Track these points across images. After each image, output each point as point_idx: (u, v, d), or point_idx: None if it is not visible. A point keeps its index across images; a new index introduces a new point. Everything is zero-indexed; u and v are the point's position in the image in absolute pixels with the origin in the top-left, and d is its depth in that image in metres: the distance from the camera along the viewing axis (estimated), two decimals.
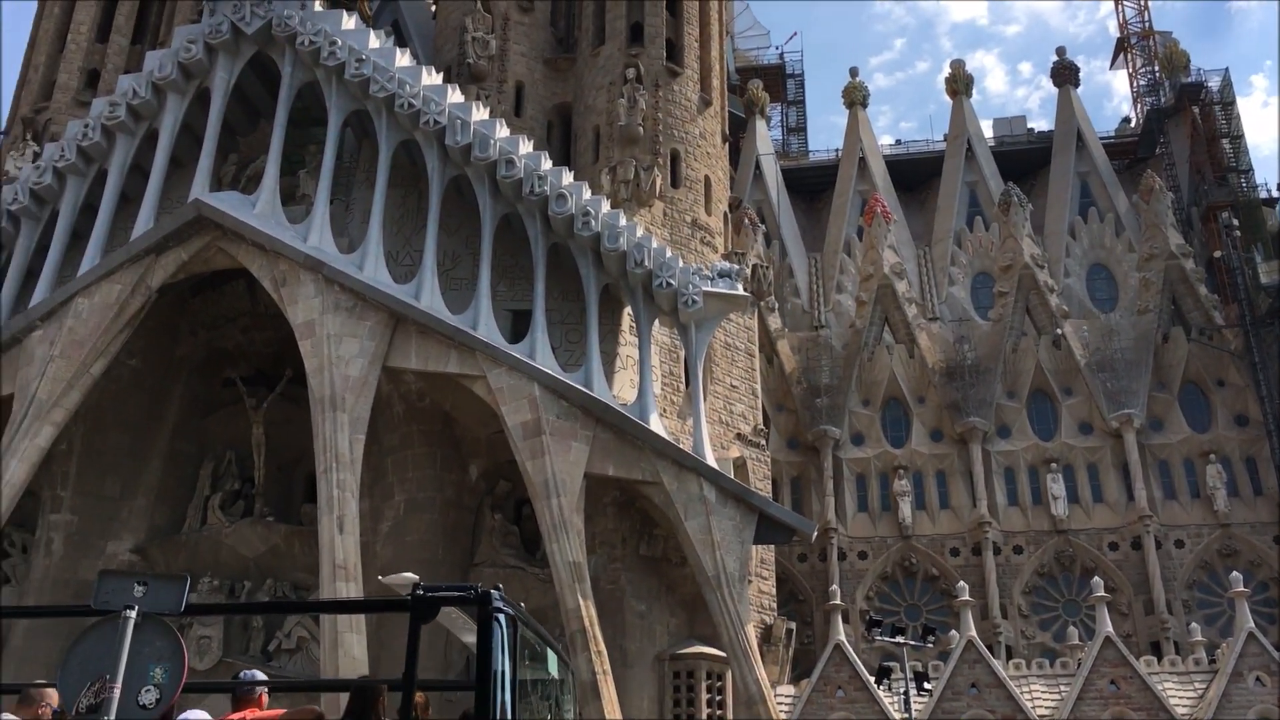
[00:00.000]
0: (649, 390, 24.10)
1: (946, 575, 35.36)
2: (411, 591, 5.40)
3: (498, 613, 5.26)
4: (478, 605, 5.28)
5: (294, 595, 25.44)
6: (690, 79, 30.49)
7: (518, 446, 22.99)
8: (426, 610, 5.34)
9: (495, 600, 5.27)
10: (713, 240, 29.38)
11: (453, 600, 5.40)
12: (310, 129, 27.14)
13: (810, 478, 37.77)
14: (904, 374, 38.74)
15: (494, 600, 5.27)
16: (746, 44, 54.25)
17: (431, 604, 5.36)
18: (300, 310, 24.23)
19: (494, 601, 5.26)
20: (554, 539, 22.17)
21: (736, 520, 23.36)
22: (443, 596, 5.39)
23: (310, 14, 26.47)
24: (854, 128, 48.34)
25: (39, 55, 33.04)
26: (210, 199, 25.32)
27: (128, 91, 26.54)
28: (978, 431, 37.11)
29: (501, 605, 5.27)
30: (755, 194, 45.43)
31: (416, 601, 5.35)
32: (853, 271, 42.50)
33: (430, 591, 5.39)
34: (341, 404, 23.15)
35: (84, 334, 24.58)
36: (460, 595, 5.37)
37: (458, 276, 25.71)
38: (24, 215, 26.54)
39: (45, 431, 23.98)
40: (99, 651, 5.31)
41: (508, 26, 31.13)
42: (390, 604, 7.41)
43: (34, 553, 25.89)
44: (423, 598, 5.35)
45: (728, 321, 27.71)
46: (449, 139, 24.95)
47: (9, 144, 31.73)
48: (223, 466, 27.01)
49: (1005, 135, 48.90)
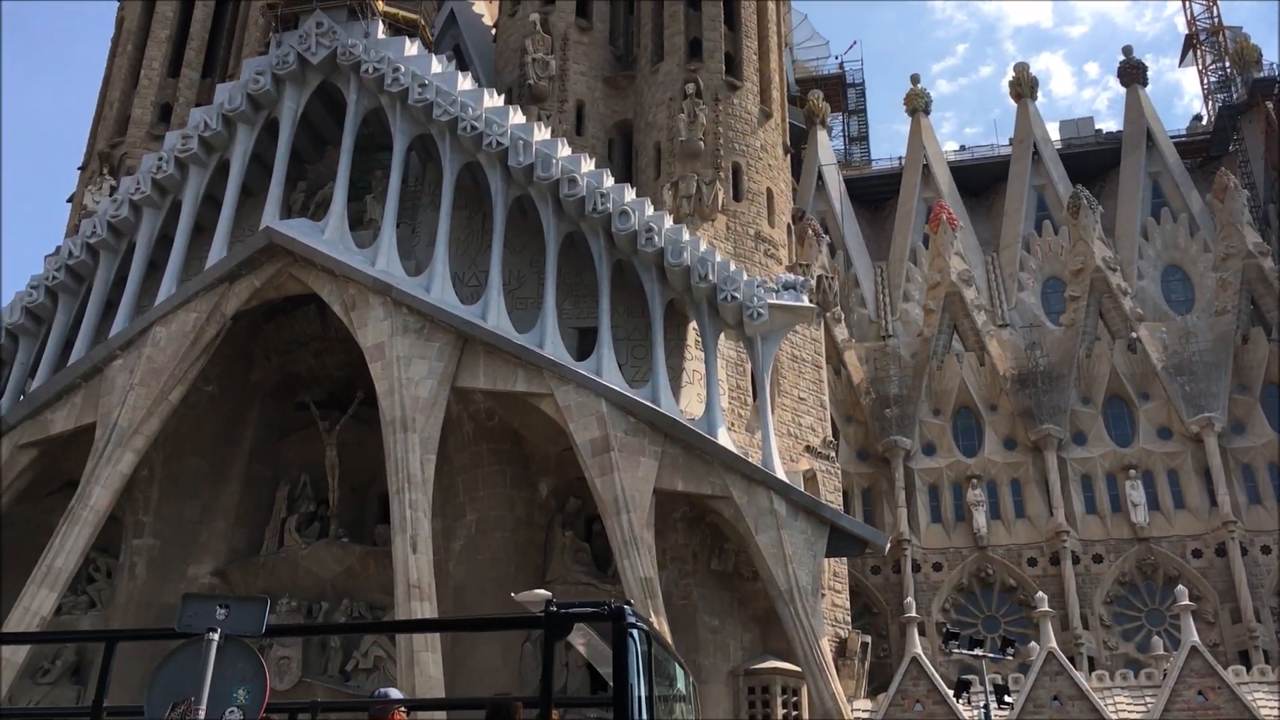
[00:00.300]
0: (716, 404, 24.04)
1: (1024, 586, 34.75)
2: (545, 609, 5.41)
3: (631, 628, 5.25)
4: (612, 621, 5.26)
5: (370, 615, 25.72)
6: (750, 92, 30.46)
7: (586, 463, 23.06)
8: (560, 627, 5.35)
9: (628, 616, 5.26)
10: (776, 252, 29.28)
11: (586, 616, 5.40)
12: (376, 154, 27.61)
13: (881, 489, 37.37)
14: (975, 382, 38.22)
15: (627, 616, 5.25)
16: (806, 55, 54.04)
17: (565, 620, 5.36)
18: (370, 333, 24.58)
19: (627, 617, 5.25)
20: (625, 555, 22.17)
21: (808, 533, 23.18)
22: (576, 613, 5.40)
23: (374, 42, 26.95)
24: (917, 135, 47.91)
25: (113, 92, 33.98)
26: (280, 226, 25.82)
27: (199, 124, 27.20)
28: (1052, 439, 36.46)
29: (635, 621, 5.26)
30: (818, 205, 45.19)
31: (550, 618, 5.35)
32: (919, 280, 42.05)
33: (564, 608, 5.40)
34: (412, 425, 23.41)
35: (162, 362, 25.15)
36: (594, 611, 5.37)
37: (523, 296, 25.92)
38: (102, 248, 27.26)
39: (127, 458, 24.56)
40: (184, 674, 5.41)
41: (567, 46, 31.37)
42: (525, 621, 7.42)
43: (118, 577, 26.49)
44: (556, 614, 5.36)
45: (794, 333, 27.56)
46: (511, 160, 25.19)
47: (86, 178, 32.65)
48: (298, 489, 27.41)
49: (1072, 137, 48.11)
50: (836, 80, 53.42)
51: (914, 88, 49.24)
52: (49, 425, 25.68)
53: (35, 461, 25.88)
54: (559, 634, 5.35)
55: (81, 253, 27.25)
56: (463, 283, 25.94)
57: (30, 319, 27.36)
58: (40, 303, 27.27)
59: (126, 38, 34.67)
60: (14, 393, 26.85)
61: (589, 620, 5.40)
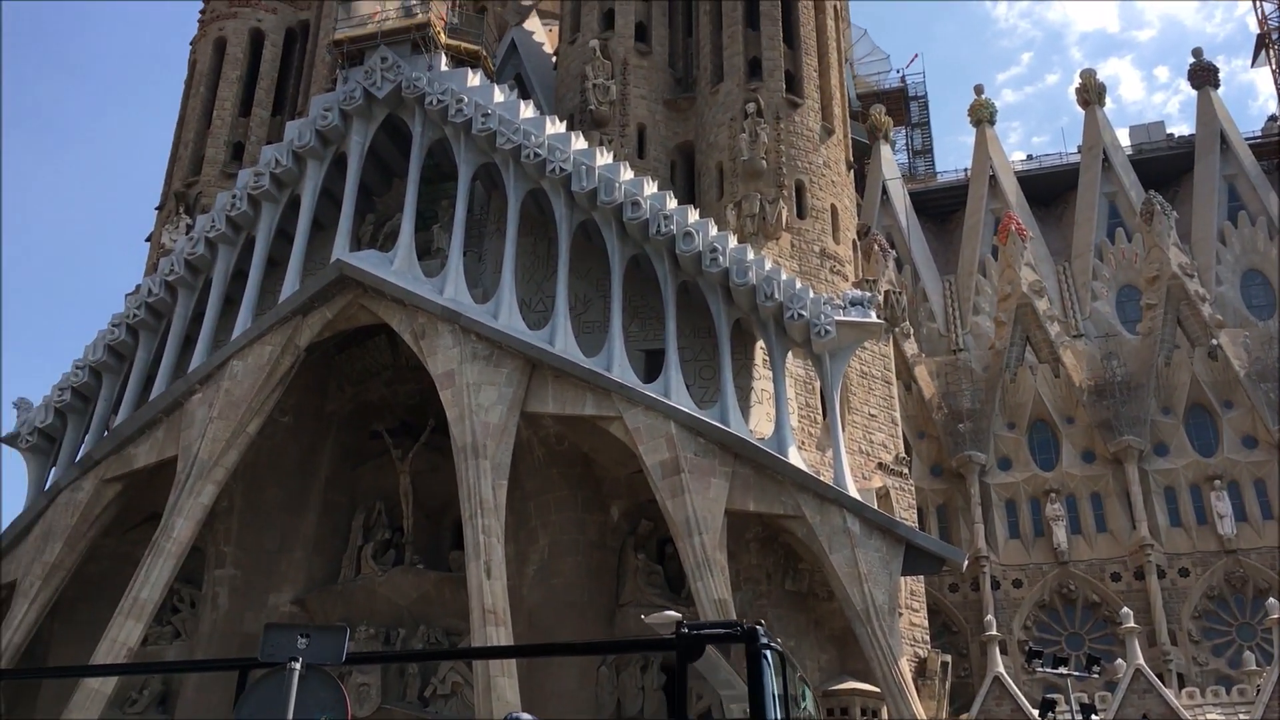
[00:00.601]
0: (786, 423, 23.91)
1: (1108, 601, 33.98)
2: (676, 630, 5.36)
3: (765, 649, 5.20)
4: (745, 642, 5.21)
5: (446, 641, 25.88)
6: (811, 109, 30.39)
7: (657, 485, 23.03)
8: (692, 648, 5.29)
9: (762, 636, 5.21)
10: (842, 269, 29.10)
11: (719, 637, 5.35)
12: (442, 184, 28.00)
13: (957, 505, 36.83)
14: (1050, 394, 37.56)
15: (760, 637, 5.20)
16: (866, 70, 53.84)
17: (697, 642, 5.31)
18: (439, 361, 24.85)
19: (761, 638, 5.20)
20: (698, 577, 22.08)
21: (883, 551, 22.91)
22: (708, 634, 5.34)
23: (437, 74, 27.38)
24: (982, 145, 47.41)
25: (188, 133, 34.89)
26: (351, 258, 26.26)
27: (270, 161, 27.82)
28: (1133, 450, 35.67)
29: (768, 641, 5.21)
30: (884, 219, 44.87)
31: (681, 640, 5.30)
32: (989, 292, 41.51)
33: (695, 629, 5.35)
34: (483, 451, 23.59)
35: (239, 395, 25.66)
36: (726, 632, 5.31)
37: (590, 319, 26.05)
38: (180, 285, 27.93)
39: (208, 490, 25.06)
40: (268, 702, 5.51)
41: (627, 71, 31.57)
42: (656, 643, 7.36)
43: (202, 607, 26.99)
44: (688, 635, 5.31)
45: (863, 350, 27.33)
46: (575, 185, 25.38)
47: (164, 218, 33.50)
48: (373, 517, 27.72)
49: (1143, 142, 47.24)
50: (898, 94, 53.12)
51: (978, 98, 48.80)
52: (133, 460, 26.31)
53: (120, 495, 26.52)
54: (691, 656, 5.27)
55: (160, 290, 27.93)
56: (530, 308, 26.15)
57: (113, 356, 28.09)
58: (122, 340, 27.99)
59: (199, 80, 35.61)
60: (98, 429, 27.56)
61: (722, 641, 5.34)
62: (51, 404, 28.02)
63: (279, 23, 36.30)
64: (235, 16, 36.01)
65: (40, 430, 27.92)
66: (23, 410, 28.38)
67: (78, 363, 28.19)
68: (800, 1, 31.63)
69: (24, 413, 28.33)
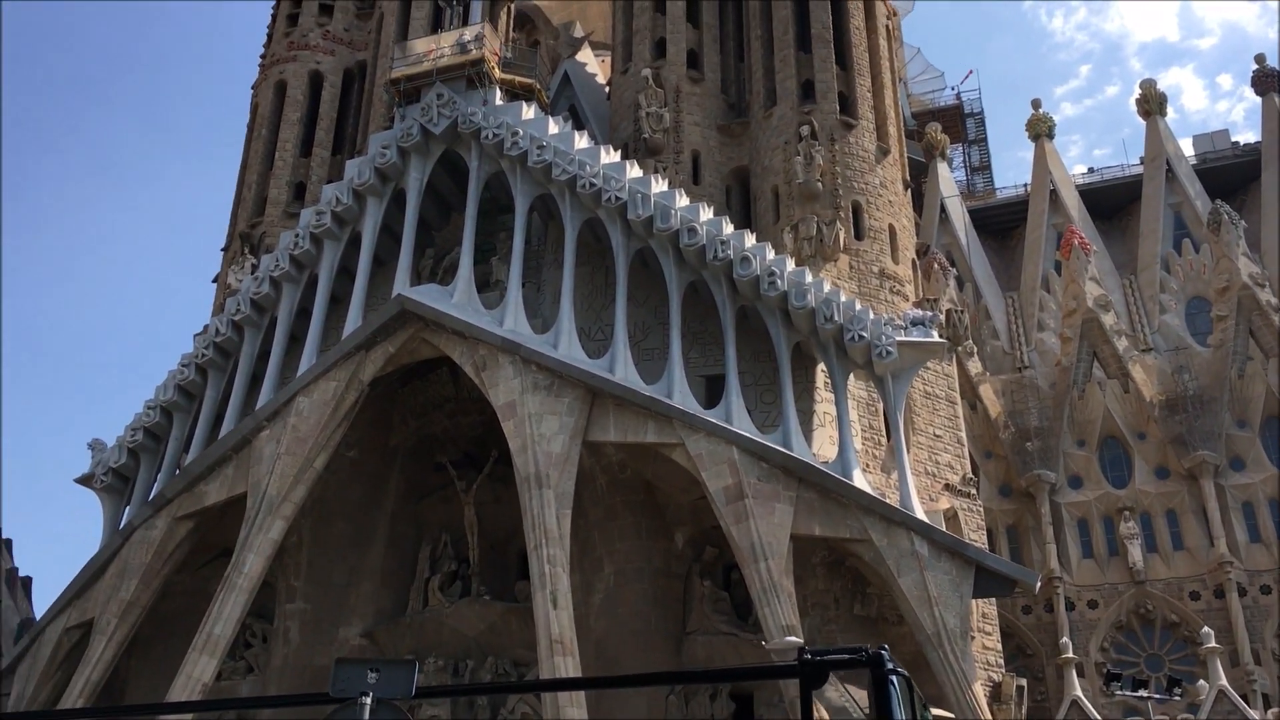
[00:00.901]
0: (849, 446, 23.69)
1: (1188, 621, 33.12)
2: (799, 656, 5.27)
3: (892, 674, 5.11)
4: (871, 667, 5.12)
5: (514, 672, 25.90)
6: (866, 130, 30.26)
7: (721, 511, 22.92)
8: (816, 675, 5.19)
9: (888, 661, 5.11)
10: (902, 289, 28.86)
11: (843, 663, 5.24)
12: (499, 217, 28.28)
13: (1027, 525, 36.17)
14: (1120, 410, 36.83)
15: (887, 661, 5.11)
16: (921, 88, 53.57)
17: (820, 668, 5.20)
18: (501, 392, 25.00)
19: (887, 663, 5.11)
20: (765, 603, 21.89)
21: (952, 574, 22.55)
22: (832, 660, 5.24)
23: (492, 109, 27.71)
24: (1041, 160, 46.83)
25: (251, 175, 35.61)
26: (411, 293, 26.57)
27: (331, 199, 28.29)
28: (1208, 465, 34.83)
29: (894, 666, 5.12)
30: (943, 238, 44.43)
31: (805, 666, 5.20)
32: (1054, 308, 40.87)
33: (819, 655, 5.24)
34: (546, 481, 23.65)
35: (306, 430, 26.01)
36: (851, 657, 5.22)
37: (649, 347, 26.07)
38: (246, 324, 28.43)
39: (277, 526, 25.39)
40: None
41: (680, 98, 31.70)
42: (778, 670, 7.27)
43: (273, 641, 27.29)
44: (812, 661, 5.21)
45: (925, 370, 27.04)
46: (631, 213, 25.49)
47: (229, 259, 34.16)
48: (439, 549, 27.88)
49: (1208, 151, 46.33)
50: (954, 111, 52.75)
51: (1036, 113, 48.26)
52: (204, 497, 26.75)
53: (192, 532, 26.96)
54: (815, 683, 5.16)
55: (228, 329, 28.44)
56: (589, 337, 26.25)
57: (183, 395, 28.63)
58: (191, 379, 28.52)
59: (261, 123, 36.36)
60: (170, 468, 28.08)
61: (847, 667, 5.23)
62: (125, 444, 28.61)
63: (337, 64, 37.00)
64: (295, 60, 36.77)
65: (114, 470, 28.51)
66: (97, 451, 29.01)
67: (149, 403, 28.77)
68: (852, 23, 31.58)
69: (99, 454, 28.96)
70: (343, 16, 37.84)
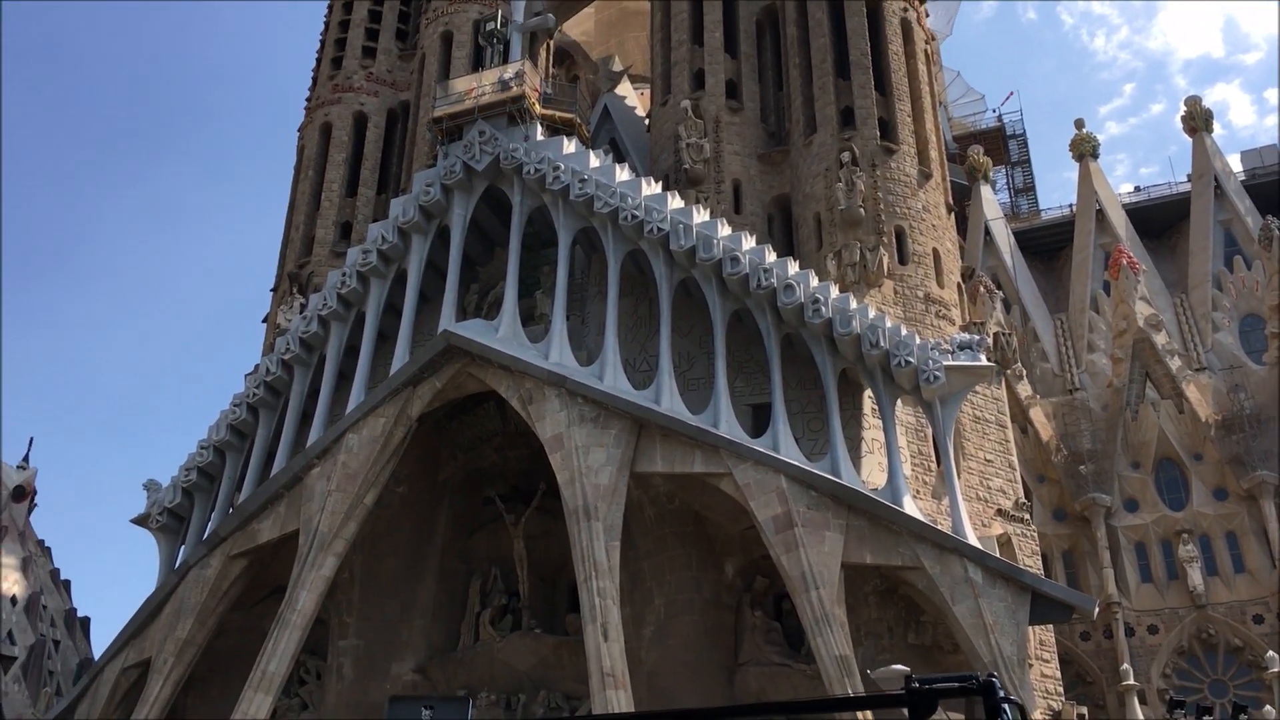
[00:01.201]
0: (899, 472, 23.48)
1: (1252, 645, 32.36)
2: (905, 685, 5.23)
3: (1005, 702, 5.06)
4: (983, 695, 5.07)
5: (566, 705, 25.81)
6: (907, 154, 30.19)
7: (770, 541, 22.77)
8: (924, 704, 5.15)
9: (999, 689, 5.06)
10: (948, 313, 28.65)
11: (953, 691, 5.19)
12: (542, 251, 28.46)
13: (1083, 550, 35.58)
14: (1175, 431, 36.20)
15: (998, 690, 5.06)
16: (962, 111, 53.43)
17: (929, 697, 5.16)
18: (548, 425, 25.07)
19: (999, 691, 5.06)
20: (817, 633, 21.68)
21: (1008, 601, 22.21)
22: (941, 688, 5.19)
23: (534, 144, 27.98)
24: (1086, 180, 46.47)
25: (298, 216, 36.14)
26: (457, 329, 26.78)
27: (377, 238, 28.64)
28: (1268, 486, 34.11)
29: (1007, 694, 5.07)
30: (988, 260, 44.13)
31: (912, 695, 5.16)
32: (1103, 329, 40.38)
33: (927, 683, 5.20)
34: (595, 513, 23.64)
35: (356, 467, 26.21)
36: (961, 686, 5.17)
37: (694, 377, 26.07)
38: (296, 362, 28.77)
39: (329, 562, 25.55)
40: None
41: (719, 128, 31.81)
42: (885, 699, 7.15)
43: (327, 678, 27.40)
44: (920, 690, 5.16)
45: (974, 394, 26.77)
46: (673, 244, 25.57)
47: (279, 299, 34.63)
48: (489, 582, 27.90)
49: (1256, 167, 45.77)
50: (996, 133, 52.56)
51: (1079, 132, 47.98)
52: (257, 535, 27.00)
53: (246, 570, 27.20)
54: (923, 713, 5.10)
55: (277, 369, 28.79)
56: (634, 369, 26.28)
57: (235, 435, 28.97)
58: (243, 419, 28.86)
59: (307, 164, 36.93)
60: (224, 506, 28.39)
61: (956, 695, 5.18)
62: (179, 484, 28.96)
63: (380, 105, 37.52)
64: (339, 102, 37.36)
65: (169, 510, 28.85)
66: (152, 491, 29.40)
67: (202, 443, 29.14)
68: (891, 48, 31.57)
69: (154, 494, 29.34)
70: (385, 58, 38.42)
